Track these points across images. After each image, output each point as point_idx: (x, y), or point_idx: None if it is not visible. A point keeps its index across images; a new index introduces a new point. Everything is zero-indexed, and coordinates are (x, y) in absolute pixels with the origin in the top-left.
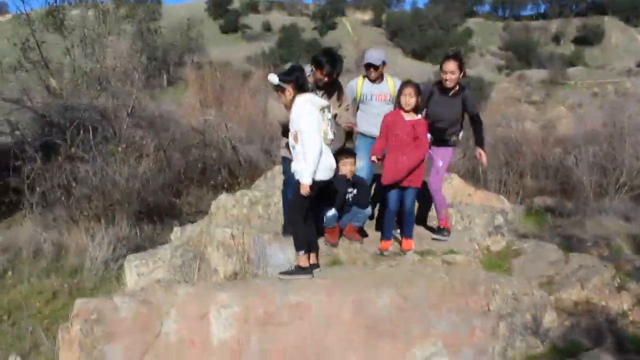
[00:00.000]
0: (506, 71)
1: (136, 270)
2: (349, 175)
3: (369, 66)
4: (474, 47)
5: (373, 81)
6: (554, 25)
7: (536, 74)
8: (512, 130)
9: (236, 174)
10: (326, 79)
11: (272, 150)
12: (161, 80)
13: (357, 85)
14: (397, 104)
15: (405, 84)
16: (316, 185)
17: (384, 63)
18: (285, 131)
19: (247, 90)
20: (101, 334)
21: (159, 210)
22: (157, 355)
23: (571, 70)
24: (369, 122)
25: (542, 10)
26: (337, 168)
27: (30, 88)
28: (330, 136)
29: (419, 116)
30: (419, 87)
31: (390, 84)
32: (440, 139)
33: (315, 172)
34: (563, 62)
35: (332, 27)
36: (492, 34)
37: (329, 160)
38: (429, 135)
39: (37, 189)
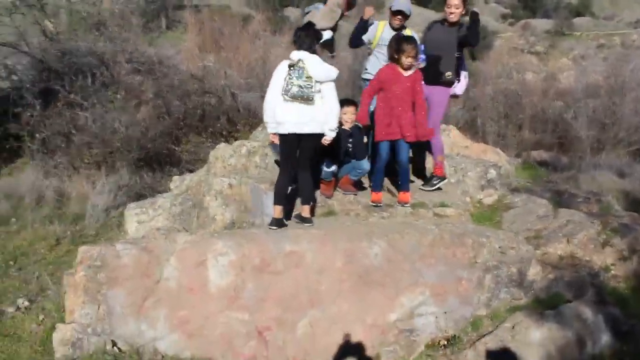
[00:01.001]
0: (511, 20)
1: (136, 218)
2: (347, 126)
3: (398, 13)
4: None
5: (395, 29)
6: None
7: (541, 24)
8: (513, 82)
9: (235, 122)
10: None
11: None
12: (160, 23)
13: (377, 28)
14: (392, 59)
15: (409, 41)
16: (283, 138)
17: (401, 13)
18: None
19: (246, 35)
20: (104, 279)
21: (158, 158)
22: (157, 300)
23: (577, 21)
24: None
25: None
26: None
27: (27, 31)
28: (293, 91)
29: (413, 70)
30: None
31: (408, 32)
32: (435, 72)
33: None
34: (569, 11)
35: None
36: None
37: (282, 115)
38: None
39: (37, 135)
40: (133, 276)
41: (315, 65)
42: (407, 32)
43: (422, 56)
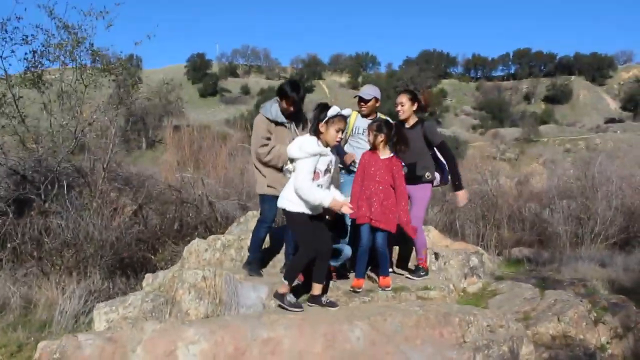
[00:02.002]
0: (480, 130)
1: (105, 317)
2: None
3: (359, 101)
4: (449, 107)
5: (365, 116)
6: (525, 85)
7: (510, 132)
8: (488, 185)
9: (213, 231)
10: (292, 108)
11: (249, 206)
12: (140, 143)
13: (350, 119)
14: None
15: (371, 124)
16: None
17: (376, 99)
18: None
19: (224, 151)
20: None
21: (133, 265)
22: None
23: (543, 128)
24: (357, 157)
25: (512, 71)
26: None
27: (5, 143)
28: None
29: (392, 154)
30: (387, 123)
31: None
32: (413, 175)
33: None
34: (535, 120)
35: (310, 90)
36: (465, 94)
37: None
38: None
39: (9, 244)
40: None
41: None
42: (380, 117)
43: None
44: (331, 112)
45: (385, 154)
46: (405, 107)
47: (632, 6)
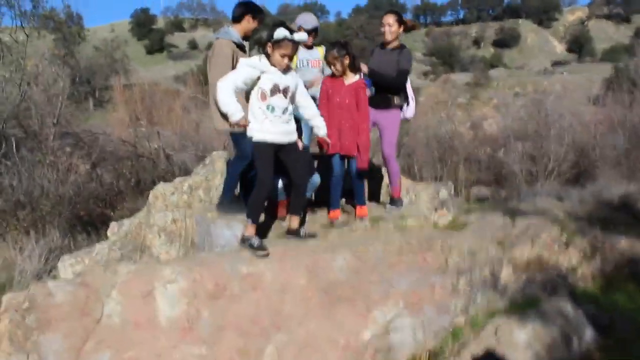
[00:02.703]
0: (432, 76)
1: (71, 270)
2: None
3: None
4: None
5: (307, 48)
6: (474, 29)
7: (460, 78)
8: (443, 128)
9: None
10: (257, 26)
11: (207, 156)
12: (87, 105)
13: None
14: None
15: (328, 49)
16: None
17: (316, 30)
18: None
19: (178, 104)
20: (35, 324)
21: (92, 222)
22: (100, 341)
23: (493, 72)
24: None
25: (461, 16)
26: None
27: None
28: None
29: (358, 77)
30: (345, 45)
31: (320, 51)
32: (383, 98)
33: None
34: (485, 64)
35: (258, 41)
36: (415, 41)
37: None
38: (369, 91)
39: None
40: (69, 316)
41: None
42: (319, 49)
43: (367, 81)
44: (276, 34)
45: (349, 78)
46: (392, 28)
47: None
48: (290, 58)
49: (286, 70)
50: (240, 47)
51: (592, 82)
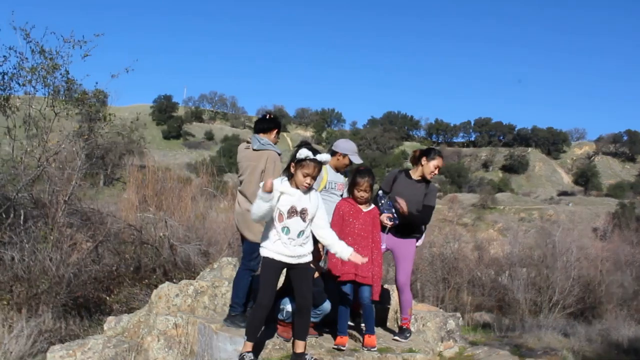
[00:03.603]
0: (439, 194)
1: None
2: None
3: (333, 154)
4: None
5: (336, 170)
6: (484, 152)
7: (467, 198)
8: (448, 248)
9: (171, 275)
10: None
11: (210, 252)
12: (98, 180)
13: (324, 172)
14: (349, 195)
15: (362, 174)
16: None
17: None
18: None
19: (189, 193)
20: None
21: (87, 305)
22: None
23: (499, 196)
24: (331, 211)
25: (472, 138)
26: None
27: None
28: None
29: (372, 206)
30: (373, 177)
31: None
32: (407, 226)
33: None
34: (492, 187)
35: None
36: None
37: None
38: (389, 222)
39: None
40: None
41: None
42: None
43: (390, 206)
44: (299, 154)
45: (367, 206)
46: (437, 171)
47: (585, 88)
48: (314, 178)
49: (307, 191)
50: None
51: (597, 215)
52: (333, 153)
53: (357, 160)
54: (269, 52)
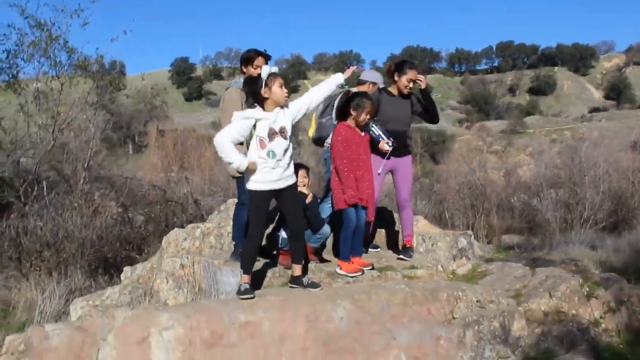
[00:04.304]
0: (467, 124)
1: (82, 312)
2: (302, 189)
3: (359, 84)
4: (434, 102)
5: None
6: (509, 77)
7: (496, 125)
8: (476, 176)
9: None
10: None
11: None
12: (127, 149)
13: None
14: (342, 118)
15: (367, 97)
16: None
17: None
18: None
19: (209, 150)
20: None
21: (117, 265)
22: None
23: (529, 119)
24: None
25: (496, 64)
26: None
27: None
28: None
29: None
30: (366, 95)
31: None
32: (402, 145)
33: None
34: (520, 111)
35: (295, 89)
36: (450, 89)
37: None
38: (389, 147)
39: None
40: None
41: None
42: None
43: (384, 132)
44: (264, 72)
45: (361, 130)
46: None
47: None
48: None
49: (279, 109)
50: None
51: (632, 128)
52: (361, 82)
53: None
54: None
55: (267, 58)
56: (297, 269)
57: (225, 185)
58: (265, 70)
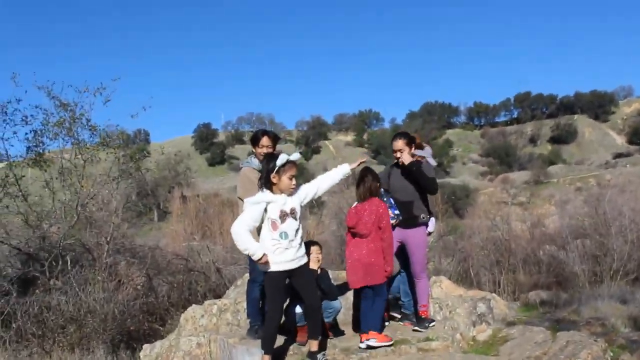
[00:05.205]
0: (489, 176)
1: None
2: (314, 265)
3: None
4: (456, 157)
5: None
6: (529, 127)
7: (519, 176)
8: (501, 231)
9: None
10: (269, 148)
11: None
12: (152, 215)
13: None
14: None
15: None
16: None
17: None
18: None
19: (231, 217)
20: None
21: (140, 338)
22: None
23: (552, 169)
24: None
25: (515, 115)
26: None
27: (10, 222)
28: None
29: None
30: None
31: None
32: (409, 216)
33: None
34: (543, 161)
35: (317, 151)
36: (471, 142)
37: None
38: (395, 213)
39: (13, 324)
40: None
41: None
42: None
43: (395, 211)
44: (279, 161)
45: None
46: (405, 152)
47: (629, 43)
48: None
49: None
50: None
51: None
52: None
53: (433, 162)
54: (298, 65)
55: (273, 138)
56: (313, 344)
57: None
58: (282, 159)
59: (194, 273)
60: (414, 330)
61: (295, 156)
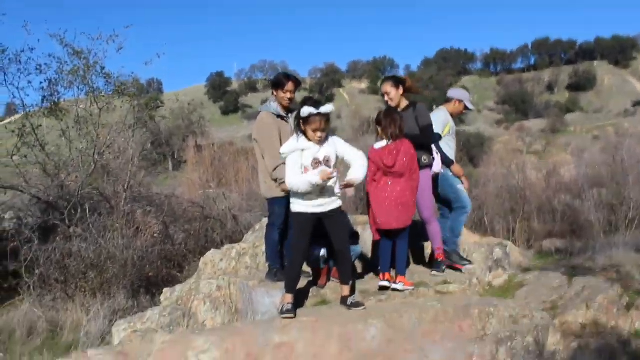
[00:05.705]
0: (505, 124)
1: (123, 334)
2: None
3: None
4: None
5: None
6: (546, 74)
7: (535, 124)
8: (516, 179)
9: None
10: (290, 94)
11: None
12: (167, 165)
13: (449, 116)
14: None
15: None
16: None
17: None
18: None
19: (246, 165)
20: None
21: (158, 283)
22: None
23: (569, 117)
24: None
25: (532, 62)
26: None
27: (28, 172)
28: None
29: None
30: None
31: None
32: None
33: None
34: (560, 109)
35: (330, 98)
36: (487, 89)
37: None
38: None
39: (36, 270)
40: None
41: None
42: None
43: None
44: (302, 113)
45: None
46: (391, 94)
47: None
48: (324, 130)
49: (323, 141)
50: (281, 117)
51: None
52: (449, 100)
53: (471, 106)
54: (311, 10)
55: (297, 83)
56: (345, 289)
57: (263, 200)
58: (304, 112)
59: (210, 220)
60: (431, 274)
61: (326, 108)
